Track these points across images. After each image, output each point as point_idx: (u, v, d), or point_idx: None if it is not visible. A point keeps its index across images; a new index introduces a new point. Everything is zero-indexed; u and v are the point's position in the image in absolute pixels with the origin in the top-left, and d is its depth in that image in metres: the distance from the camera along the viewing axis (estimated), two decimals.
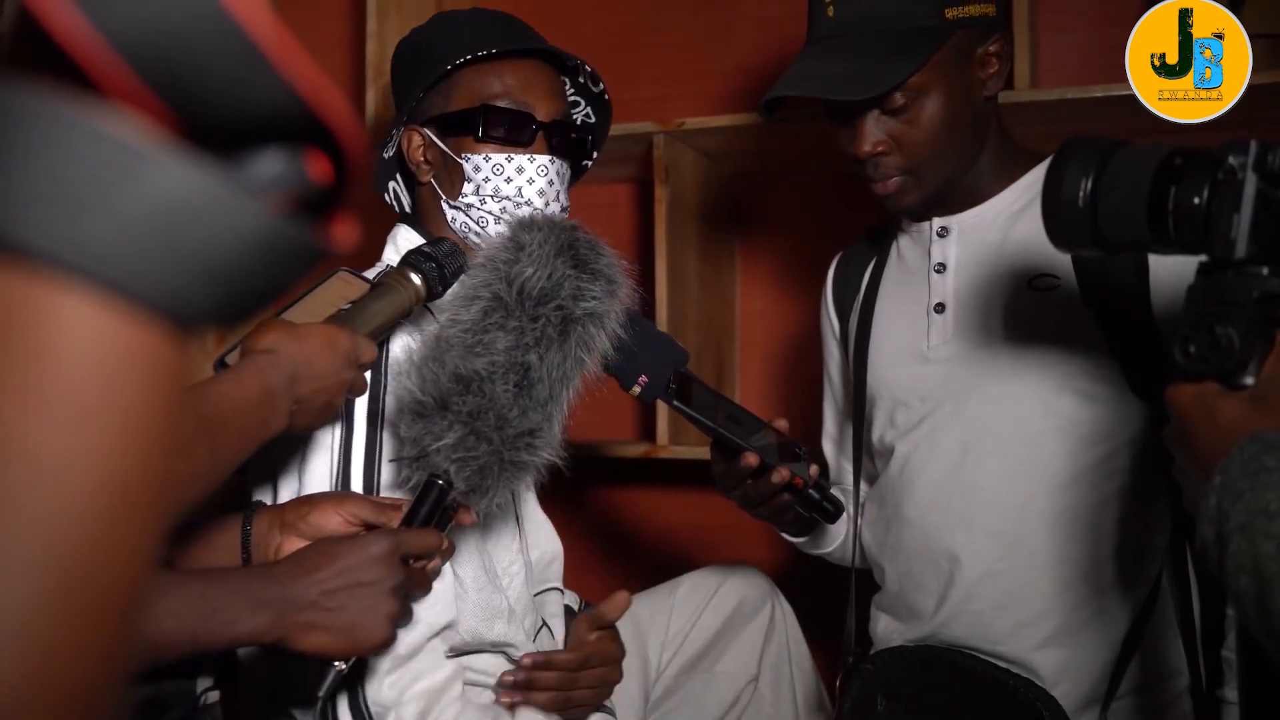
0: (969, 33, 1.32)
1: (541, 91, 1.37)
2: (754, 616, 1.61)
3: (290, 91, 0.28)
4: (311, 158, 0.30)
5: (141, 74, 0.27)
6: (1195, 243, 0.87)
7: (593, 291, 1.12)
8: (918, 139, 1.32)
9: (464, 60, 1.34)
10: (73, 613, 0.30)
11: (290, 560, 1.03)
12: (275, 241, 0.30)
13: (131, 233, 0.28)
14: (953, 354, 1.40)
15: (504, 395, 1.08)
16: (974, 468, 1.37)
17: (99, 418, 0.30)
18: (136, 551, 0.32)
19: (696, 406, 1.29)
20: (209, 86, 0.28)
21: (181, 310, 0.30)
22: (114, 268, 0.28)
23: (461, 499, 1.09)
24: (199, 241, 0.29)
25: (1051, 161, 0.95)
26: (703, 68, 2.11)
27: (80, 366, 0.29)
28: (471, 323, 1.10)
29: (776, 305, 2.10)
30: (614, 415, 2.15)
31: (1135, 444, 1.33)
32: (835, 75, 1.30)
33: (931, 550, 1.40)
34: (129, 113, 0.28)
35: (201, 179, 0.28)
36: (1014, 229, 1.39)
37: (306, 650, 1.00)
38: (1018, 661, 1.35)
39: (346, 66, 2.35)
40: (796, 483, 1.30)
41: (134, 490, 0.31)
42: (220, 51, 0.27)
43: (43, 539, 0.29)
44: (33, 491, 0.29)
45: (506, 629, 1.27)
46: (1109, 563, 1.34)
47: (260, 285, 0.31)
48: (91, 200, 0.28)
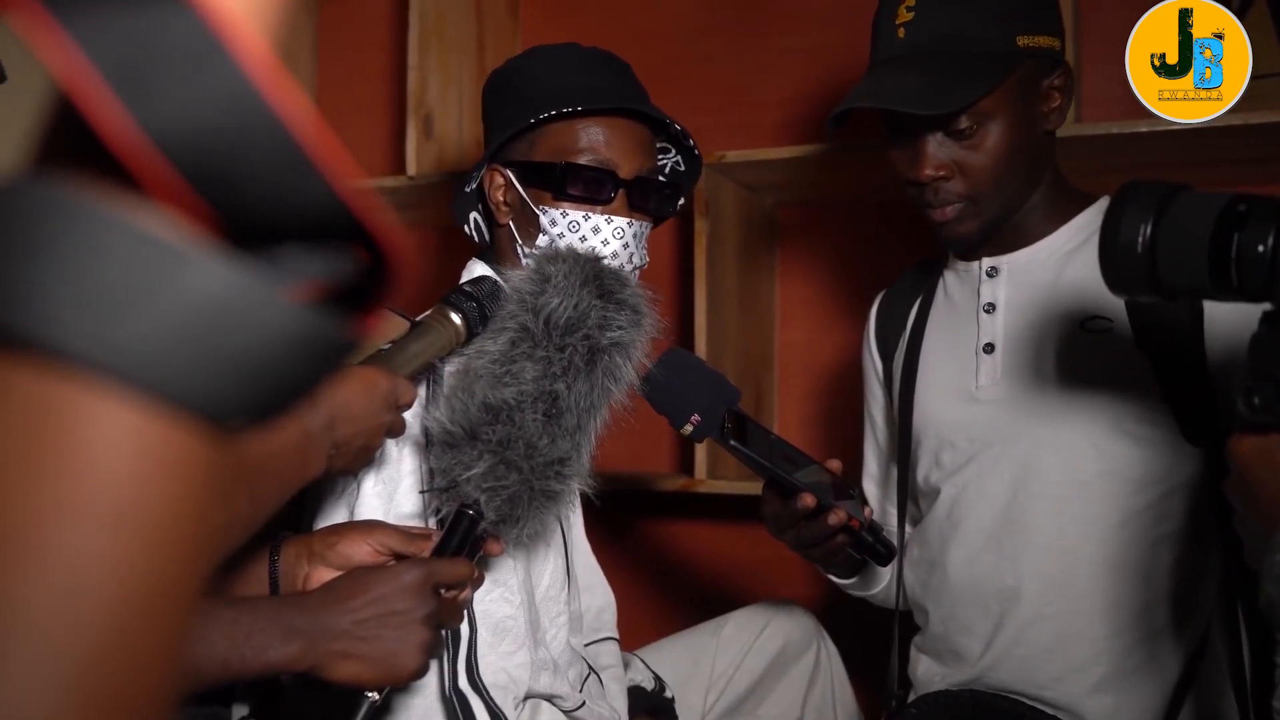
0: (1036, 63, 1.31)
1: (627, 148, 1.33)
2: (799, 659, 1.59)
3: (332, 193, 0.28)
4: (349, 255, 0.30)
5: (184, 173, 0.26)
6: (1259, 291, 0.85)
7: (618, 321, 1.12)
8: (981, 165, 1.30)
9: (548, 115, 1.31)
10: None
11: (323, 589, 1.03)
12: (313, 340, 0.29)
13: (168, 334, 0.27)
14: (1002, 395, 1.38)
15: (533, 424, 1.08)
16: (1022, 510, 1.35)
17: (134, 524, 0.29)
18: (167, 653, 0.31)
19: (751, 446, 1.26)
20: (251, 186, 0.27)
21: (217, 410, 0.29)
22: (151, 370, 0.28)
23: (492, 529, 1.09)
24: (237, 342, 0.28)
25: (1110, 205, 0.93)
26: (743, 100, 2.10)
27: (115, 472, 0.28)
28: (499, 353, 1.10)
29: (816, 337, 2.09)
30: (652, 448, 2.14)
31: (1186, 489, 1.31)
32: (909, 91, 1.28)
33: (979, 593, 1.37)
34: (169, 212, 0.27)
35: (240, 279, 0.28)
36: (1066, 270, 1.37)
37: (339, 680, 0.99)
38: (1066, 708, 1.33)
39: (387, 98, 2.37)
40: (852, 524, 1.27)
41: (168, 596, 0.30)
42: (264, 152, 0.27)
43: (72, 650, 0.28)
44: (63, 601, 0.28)
45: (552, 681, 1.25)
46: (1159, 608, 1.31)
47: (297, 381, 0.30)
48: (128, 302, 0.27)
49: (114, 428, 0.28)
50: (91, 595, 0.28)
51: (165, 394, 0.28)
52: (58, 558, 0.28)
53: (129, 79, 0.26)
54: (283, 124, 0.26)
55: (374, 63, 2.40)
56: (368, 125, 2.39)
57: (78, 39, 0.25)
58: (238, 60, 0.26)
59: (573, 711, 1.28)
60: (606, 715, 1.32)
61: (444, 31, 2.10)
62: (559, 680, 1.26)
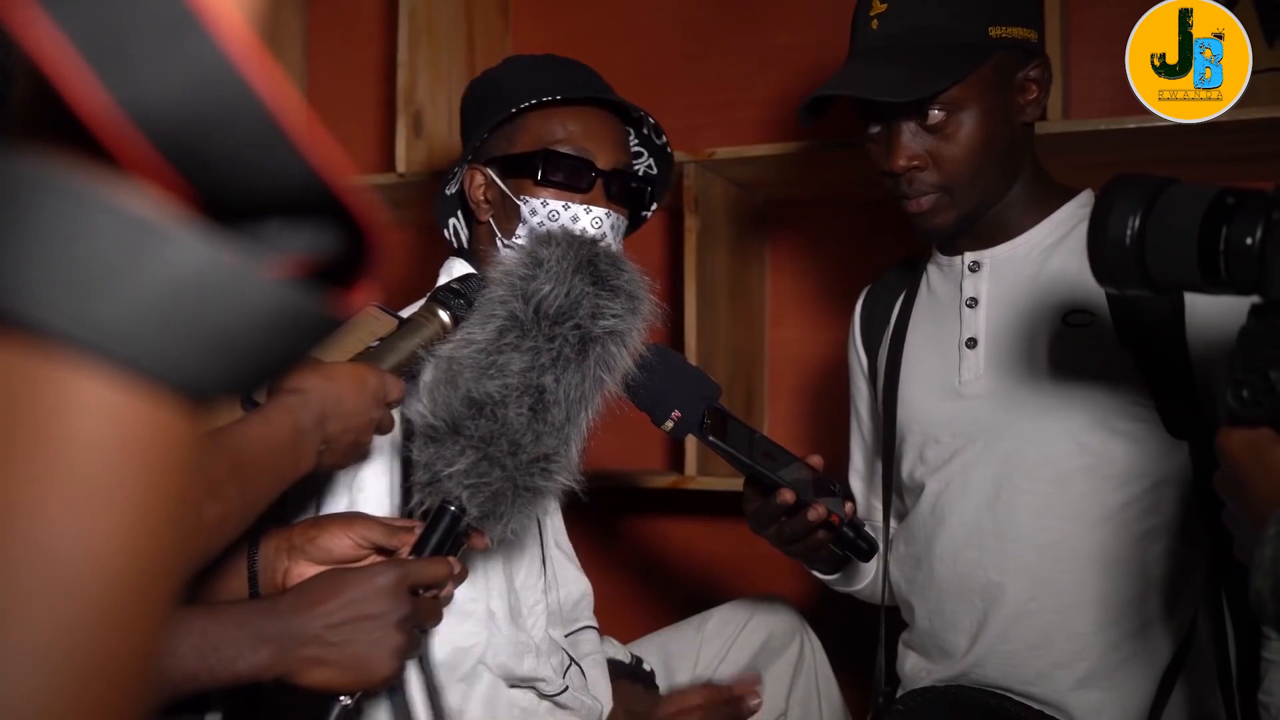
0: (1010, 55, 1.32)
1: (604, 140, 1.38)
2: (782, 652, 1.59)
3: (309, 169, 0.28)
4: (327, 230, 0.29)
5: (161, 149, 0.26)
6: (1248, 283, 0.84)
7: (612, 309, 1.10)
8: (954, 155, 1.31)
9: (529, 104, 1.35)
10: (86, 701, 0.29)
11: (294, 592, 1.00)
12: (291, 315, 0.29)
13: (146, 310, 0.27)
14: (985, 390, 1.38)
15: (517, 419, 1.06)
16: (1006, 505, 1.35)
17: (113, 500, 0.29)
18: (149, 631, 0.31)
19: (731, 442, 1.27)
20: (228, 162, 0.27)
21: (196, 385, 0.29)
22: (129, 345, 0.28)
23: (475, 525, 1.08)
24: (215, 317, 0.28)
25: (1098, 198, 0.93)
26: (733, 97, 2.10)
27: (94, 448, 0.28)
28: (486, 343, 1.08)
29: (806, 334, 2.09)
30: (642, 445, 2.14)
31: (1170, 483, 1.31)
32: (879, 80, 1.30)
33: (964, 589, 1.37)
34: (146, 187, 0.27)
35: (218, 255, 0.27)
36: (1048, 264, 1.37)
37: (310, 685, 0.98)
38: (1051, 703, 1.32)
39: (377, 96, 2.36)
40: (832, 520, 1.27)
41: (148, 571, 0.30)
42: (240, 127, 0.26)
43: (54, 627, 0.28)
44: (44, 579, 0.28)
45: (535, 664, 1.26)
46: (1145, 603, 1.31)
47: (275, 357, 0.30)
48: (106, 277, 0.27)
49: (93, 404, 0.28)
50: (74, 572, 0.28)
51: (144, 370, 0.28)
52: (38, 535, 0.28)
53: (104, 53, 0.25)
54: (259, 99, 0.26)
55: (364, 60, 2.40)
56: (357, 123, 2.38)
57: (51, 11, 0.25)
58: (214, 34, 0.26)
59: (554, 696, 1.28)
60: (589, 703, 1.32)
61: (434, 29, 2.10)
62: (541, 663, 1.27)
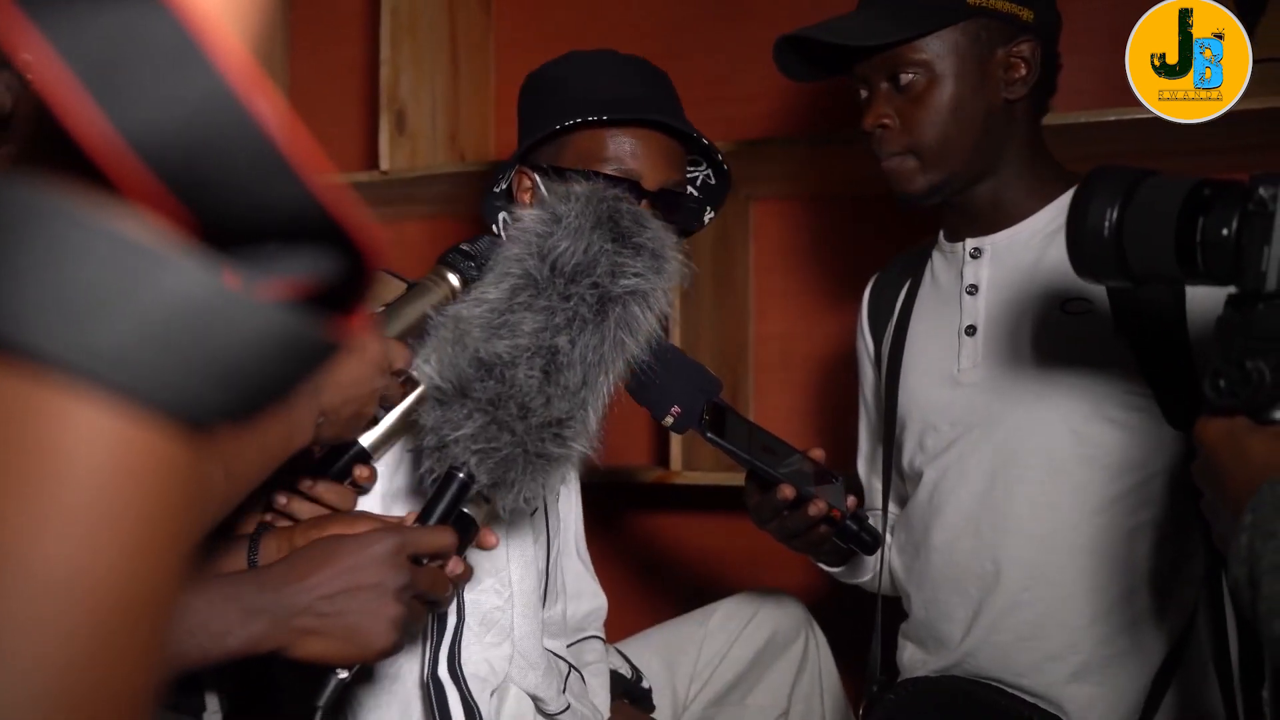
0: (993, 26, 1.32)
1: (652, 160, 1.32)
2: (787, 649, 1.57)
3: (309, 195, 0.28)
4: (326, 256, 0.29)
5: (160, 175, 0.26)
6: (1224, 275, 0.85)
7: (633, 268, 1.04)
8: (921, 118, 1.33)
9: (572, 124, 1.30)
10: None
11: (285, 563, 0.96)
12: (290, 340, 0.29)
13: (145, 336, 0.27)
14: (982, 378, 1.38)
15: (527, 381, 1.00)
16: (1002, 494, 1.34)
17: (111, 529, 0.28)
18: (146, 659, 0.31)
19: (730, 438, 1.25)
20: (227, 188, 0.27)
21: (195, 412, 0.29)
22: (127, 372, 0.27)
23: (486, 492, 1.03)
24: (213, 343, 0.28)
25: (1077, 190, 0.94)
26: (716, 93, 2.10)
27: (92, 476, 0.28)
28: (498, 302, 1.02)
29: (791, 329, 2.09)
30: (627, 440, 2.14)
31: (1168, 474, 1.29)
32: (842, 29, 1.35)
33: (958, 578, 1.37)
34: (144, 213, 0.27)
35: (216, 281, 0.27)
36: (1048, 251, 1.36)
37: (305, 658, 0.94)
38: (1044, 696, 1.31)
39: (360, 94, 2.36)
40: (834, 514, 1.26)
41: (146, 600, 0.30)
42: (240, 153, 0.26)
43: (51, 657, 0.28)
44: (41, 608, 0.28)
45: (539, 681, 1.21)
46: (1140, 595, 1.30)
47: (275, 382, 0.30)
48: (104, 303, 0.27)
49: (91, 432, 0.28)
50: (70, 601, 0.28)
51: (142, 397, 0.28)
52: (35, 564, 0.28)
53: (103, 79, 0.25)
54: (259, 126, 0.26)
55: (346, 58, 2.39)
56: (340, 121, 2.38)
57: (51, 39, 0.25)
58: (214, 61, 0.26)
59: (556, 715, 1.23)
60: (589, 716, 1.29)
61: (416, 27, 2.09)
62: (545, 682, 1.23)
